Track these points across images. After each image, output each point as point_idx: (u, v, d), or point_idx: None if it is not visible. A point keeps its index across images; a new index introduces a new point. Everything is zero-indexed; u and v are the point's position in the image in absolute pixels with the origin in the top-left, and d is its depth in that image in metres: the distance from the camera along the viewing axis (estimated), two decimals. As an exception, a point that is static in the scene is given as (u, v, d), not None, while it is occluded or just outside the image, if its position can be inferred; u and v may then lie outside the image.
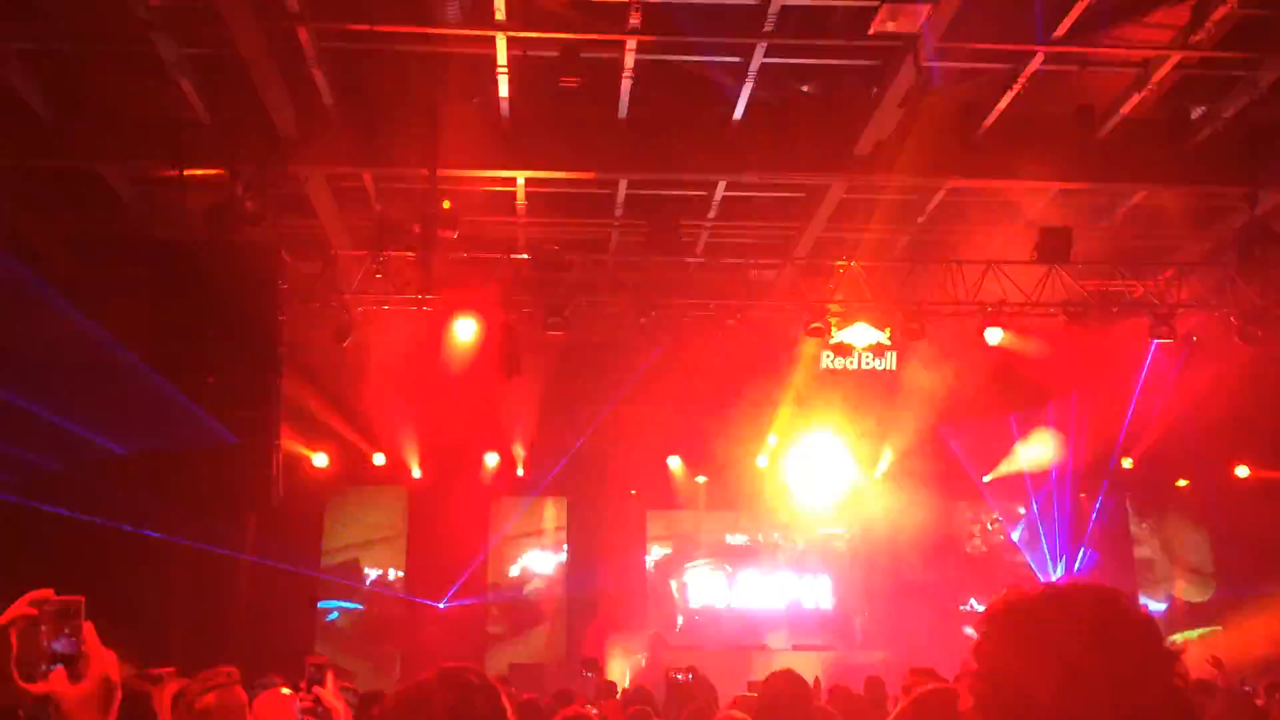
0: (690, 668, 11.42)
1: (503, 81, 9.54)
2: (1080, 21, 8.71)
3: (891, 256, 13.26)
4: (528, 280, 12.87)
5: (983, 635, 1.62)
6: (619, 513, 18.26)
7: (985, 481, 18.01)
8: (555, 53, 8.98)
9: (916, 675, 5.87)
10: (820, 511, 17.86)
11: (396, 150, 10.37)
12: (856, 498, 17.47)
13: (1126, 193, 12.03)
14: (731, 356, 14.12)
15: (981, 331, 12.49)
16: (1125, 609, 1.60)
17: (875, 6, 8.15)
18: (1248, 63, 9.60)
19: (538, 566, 18.71)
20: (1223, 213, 12.84)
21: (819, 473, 17.18)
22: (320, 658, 3.54)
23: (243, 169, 9.98)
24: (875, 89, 9.64)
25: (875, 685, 8.77)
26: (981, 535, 19.09)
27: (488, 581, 18.13)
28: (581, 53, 9.00)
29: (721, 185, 11.56)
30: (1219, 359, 13.32)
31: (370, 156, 10.53)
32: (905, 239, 13.19)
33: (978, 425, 16.12)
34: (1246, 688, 8.91)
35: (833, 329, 12.57)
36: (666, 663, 13.86)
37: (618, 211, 12.19)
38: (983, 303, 12.47)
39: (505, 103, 9.89)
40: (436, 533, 17.28)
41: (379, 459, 16.96)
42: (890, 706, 7.45)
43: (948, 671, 6.13)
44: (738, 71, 9.57)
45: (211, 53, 9.06)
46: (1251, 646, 13.43)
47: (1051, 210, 12.30)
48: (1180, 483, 18.05)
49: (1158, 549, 19.13)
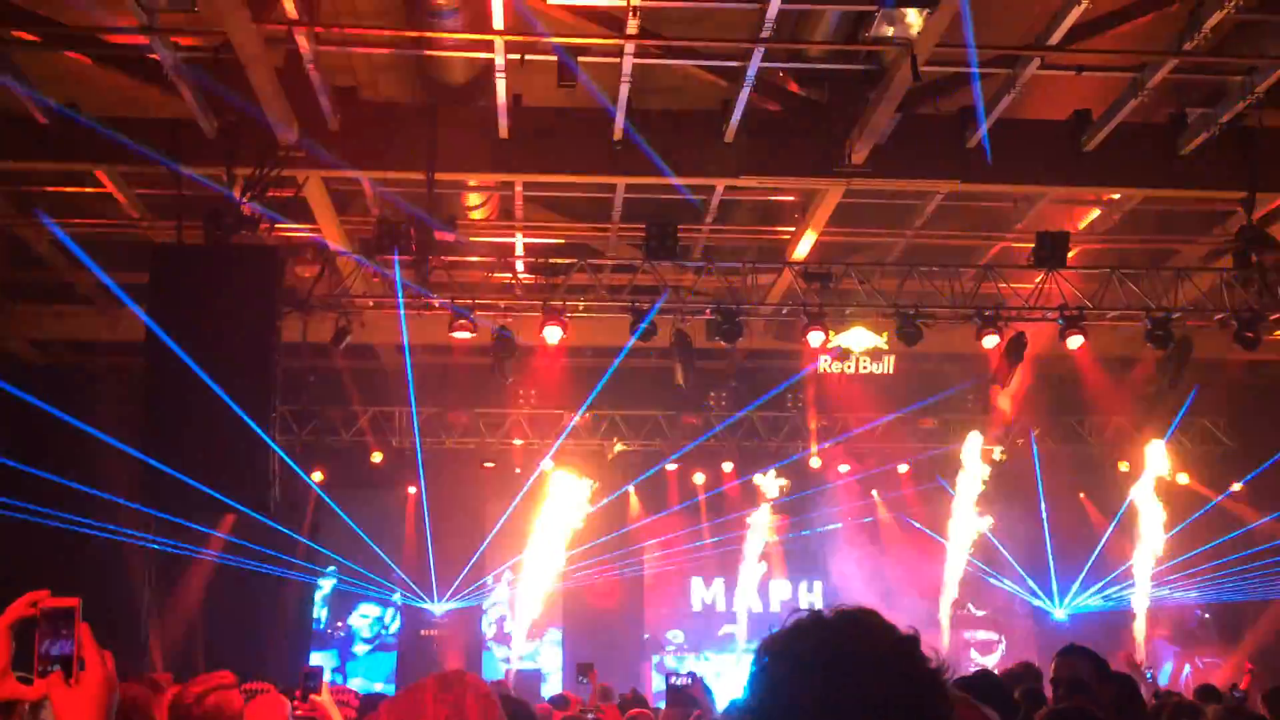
0: (690, 672, 11.40)
1: (500, 86, 9.55)
2: (1076, 26, 8.72)
3: (889, 260, 13.28)
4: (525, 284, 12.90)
5: (755, 658, 1.63)
6: (616, 517, 18.29)
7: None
8: (553, 57, 8.98)
9: None
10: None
11: (394, 154, 10.38)
12: None
13: (1123, 197, 12.04)
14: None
15: (978, 336, 12.48)
16: (888, 634, 1.60)
17: (872, 11, 8.18)
18: (1243, 68, 9.61)
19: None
20: (1219, 217, 12.86)
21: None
22: (315, 666, 3.56)
23: (241, 172, 9.98)
24: (872, 94, 9.65)
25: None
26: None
27: (485, 584, 18.15)
28: (579, 57, 9.01)
29: (718, 189, 11.57)
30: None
31: (368, 160, 10.54)
32: (902, 243, 13.20)
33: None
34: (1236, 694, 8.92)
35: (830, 333, 12.57)
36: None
37: (615, 216, 12.20)
38: (980, 307, 12.47)
39: (503, 107, 9.89)
40: (434, 535, 17.30)
41: (376, 457, 16.96)
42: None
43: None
44: (734, 76, 9.57)
45: (210, 57, 9.07)
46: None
47: (1048, 214, 12.32)
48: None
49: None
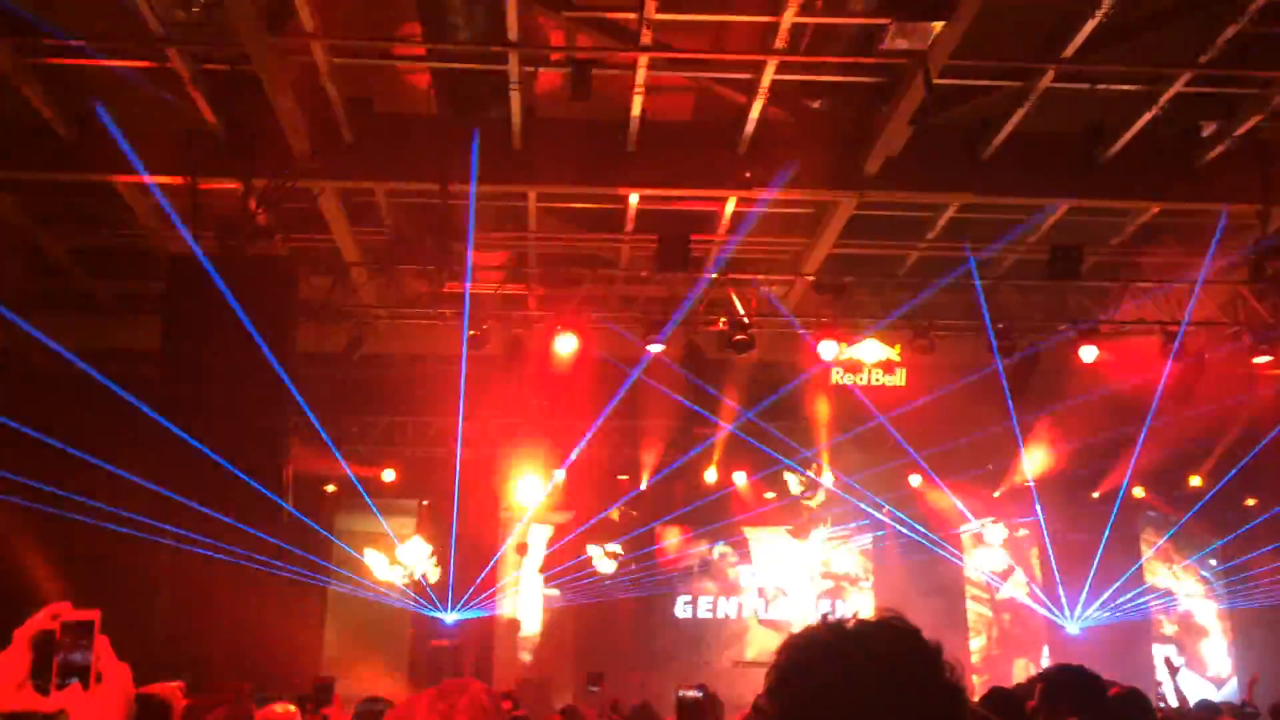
0: (701, 684, 11.35)
1: (514, 98, 9.59)
2: (1090, 39, 8.71)
3: (902, 273, 13.27)
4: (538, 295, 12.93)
5: (775, 671, 1.60)
6: (627, 526, 18.31)
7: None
8: (567, 69, 9.02)
9: None
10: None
11: (408, 165, 10.42)
12: None
13: (1137, 210, 12.01)
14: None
15: (990, 349, 12.48)
16: (916, 645, 1.58)
17: (886, 24, 8.19)
18: (1259, 81, 9.59)
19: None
20: (1234, 230, 12.80)
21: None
22: (326, 678, 3.56)
23: (256, 183, 10.04)
24: (885, 106, 9.65)
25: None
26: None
27: (496, 593, 18.16)
28: (593, 69, 9.04)
29: (732, 201, 11.58)
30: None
31: (383, 171, 10.58)
32: (915, 255, 13.19)
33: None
34: (1249, 709, 8.86)
35: (842, 345, 12.57)
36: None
37: (628, 227, 12.22)
38: (994, 320, 12.47)
39: (516, 119, 9.93)
40: (446, 545, 17.31)
41: (388, 475, 17.01)
42: None
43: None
44: (748, 88, 9.59)
45: (226, 68, 9.13)
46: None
47: (1063, 227, 12.29)
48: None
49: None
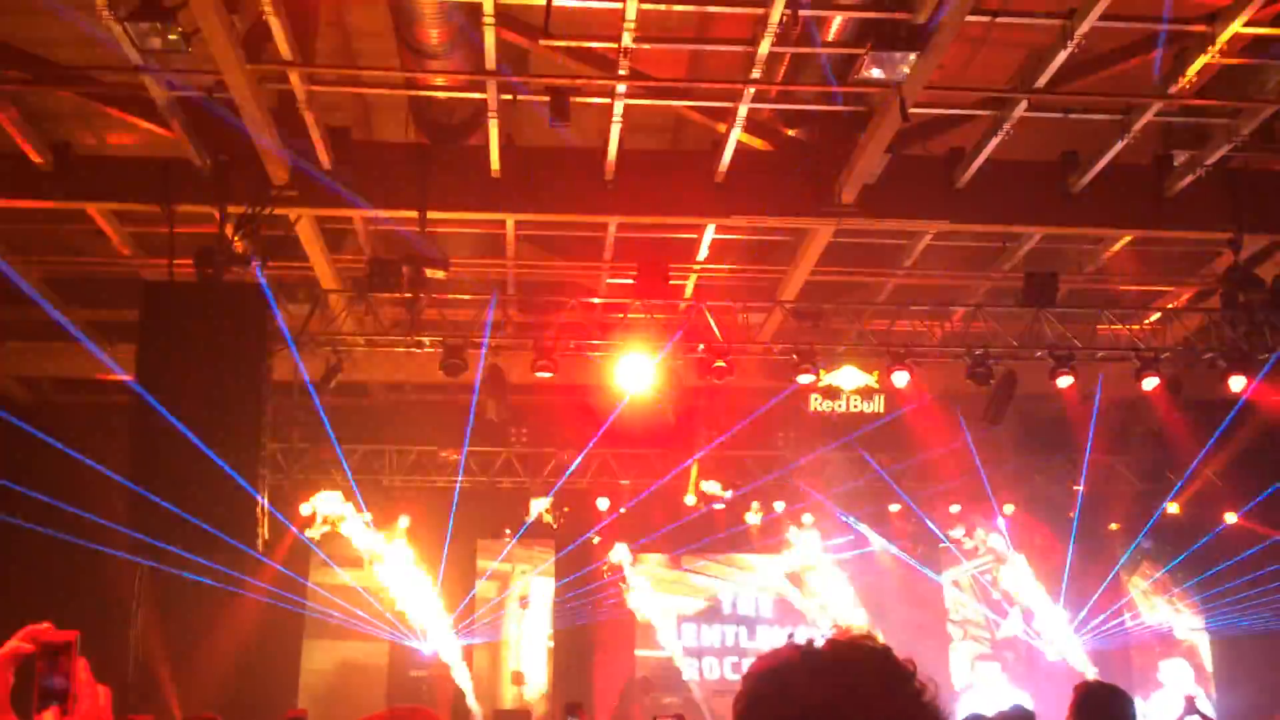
0: (679, 715, 11.34)
1: (493, 126, 9.62)
2: (1063, 69, 8.82)
3: (879, 300, 13.34)
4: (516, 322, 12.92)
5: (744, 699, 1.55)
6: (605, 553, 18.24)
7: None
8: (545, 97, 9.05)
9: None
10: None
11: (387, 193, 10.42)
12: None
13: (1111, 237, 12.13)
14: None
15: (966, 375, 12.55)
16: (890, 665, 1.54)
17: (861, 54, 8.26)
18: (1228, 111, 9.72)
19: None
20: (1207, 258, 12.95)
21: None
22: (300, 710, 3.52)
23: (233, 211, 10.01)
24: (861, 134, 9.73)
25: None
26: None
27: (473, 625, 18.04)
28: (571, 98, 9.08)
29: (710, 229, 11.62)
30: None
31: (360, 200, 10.57)
32: (893, 283, 13.27)
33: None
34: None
35: (820, 372, 12.59)
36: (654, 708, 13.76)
37: (606, 254, 12.24)
38: (970, 346, 12.53)
39: (495, 147, 9.96)
40: (423, 577, 17.20)
41: (367, 518, 16.92)
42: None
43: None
44: (726, 116, 9.65)
45: (203, 96, 9.12)
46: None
47: (1037, 254, 12.39)
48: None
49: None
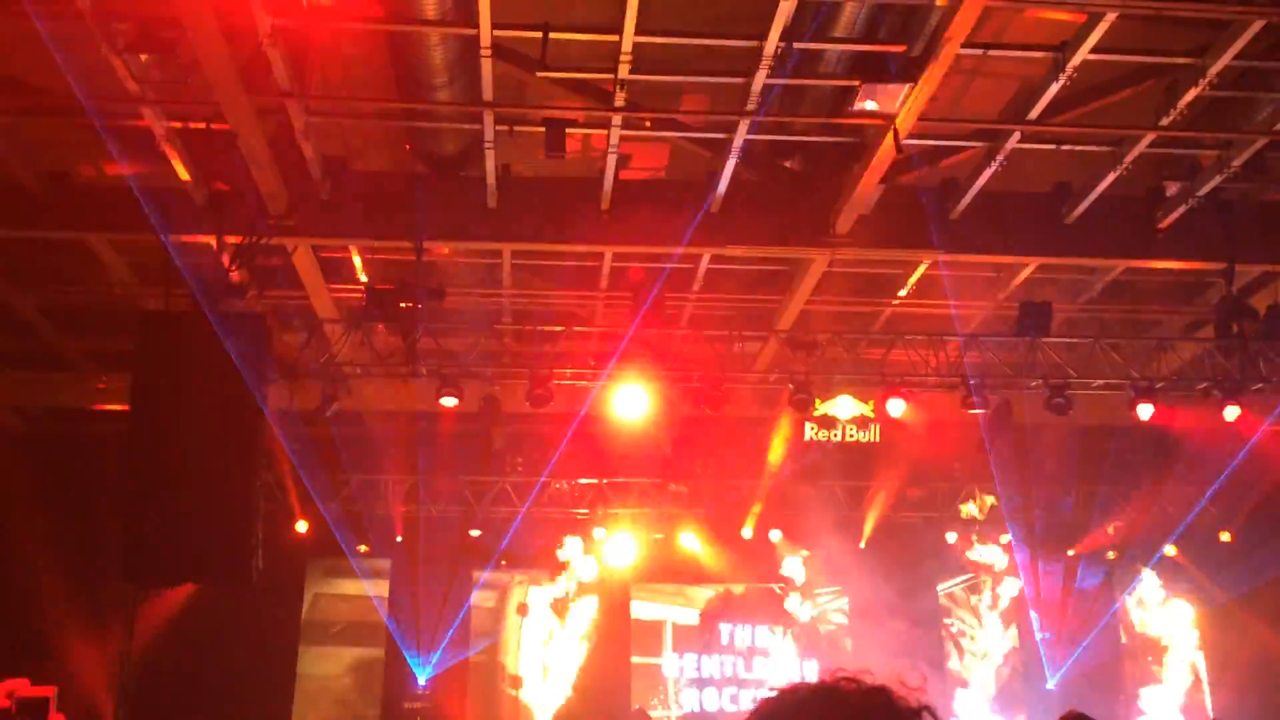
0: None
1: (489, 156, 9.67)
2: (1056, 101, 8.89)
3: (875, 330, 13.38)
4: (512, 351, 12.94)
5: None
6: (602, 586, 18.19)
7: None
8: (542, 128, 9.11)
9: None
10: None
11: (384, 224, 10.46)
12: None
13: (1105, 268, 12.19)
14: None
15: (962, 404, 12.60)
16: (891, 702, 1.60)
17: (855, 86, 8.34)
18: (1220, 142, 9.80)
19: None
20: (1201, 288, 13.01)
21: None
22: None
23: (230, 240, 10.04)
24: (856, 166, 9.79)
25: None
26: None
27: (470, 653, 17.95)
28: (567, 129, 9.14)
29: (705, 258, 11.66)
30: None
31: (357, 230, 10.62)
32: (888, 312, 13.31)
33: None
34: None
35: (816, 402, 12.62)
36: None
37: (602, 284, 12.28)
38: (966, 375, 12.56)
39: (491, 177, 10.01)
40: (418, 602, 17.15)
41: (362, 549, 16.91)
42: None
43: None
44: (721, 148, 9.72)
45: (202, 125, 9.16)
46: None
47: (1031, 285, 12.44)
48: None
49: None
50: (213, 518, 9.32)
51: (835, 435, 13.23)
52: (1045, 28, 8.43)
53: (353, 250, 11.68)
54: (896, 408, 12.43)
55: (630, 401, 12.16)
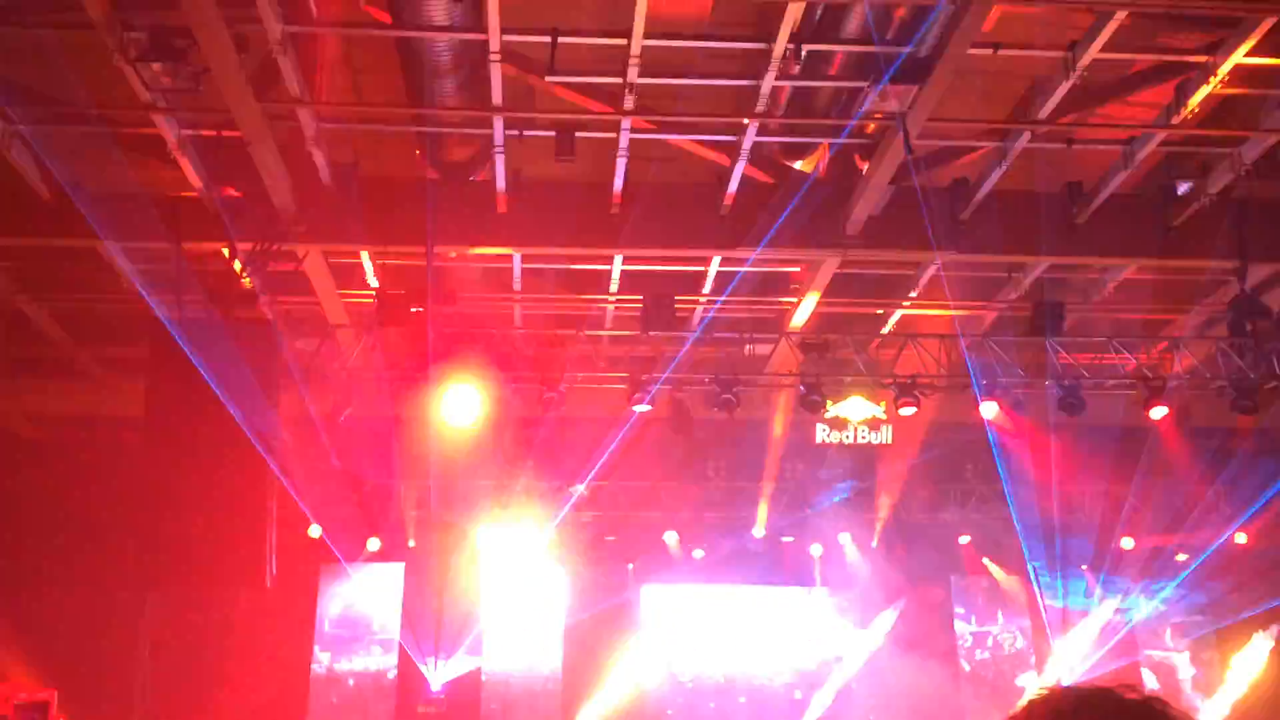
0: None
1: (499, 161, 9.68)
2: (1067, 100, 8.87)
3: (886, 330, 13.34)
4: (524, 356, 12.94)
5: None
6: (615, 587, 18.19)
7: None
8: (551, 132, 9.12)
9: None
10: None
11: (394, 229, 10.47)
12: None
13: (1117, 267, 12.14)
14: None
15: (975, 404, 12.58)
16: (1160, 711, 1.62)
17: (864, 87, 8.33)
18: (1231, 140, 9.75)
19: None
20: (1213, 286, 12.94)
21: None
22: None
23: (242, 247, 10.07)
24: (866, 167, 9.77)
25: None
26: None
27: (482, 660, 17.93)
28: (577, 132, 9.15)
29: (716, 261, 11.65)
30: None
31: (368, 234, 10.63)
32: (899, 313, 13.27)
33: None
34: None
35: (828, 403, 12.59)
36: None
37: (613, 288, 12.27)
38: (977, 376, 12.52)
39: (502, 181, 10.01)
40: (431, 610, 17.15)
41: (373, 544, 16.86)
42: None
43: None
44: (731, 149, 9.71)
45: (212, 133, 9.19)
46: None
47: (1044, 284, 12.39)
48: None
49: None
50: (226, 523, 9.36)
51: (847, 437, 13.21)
52: (1054, 26, 8.41)
53: (363, 255, 11.69)
54: (908, 410, 12.39)
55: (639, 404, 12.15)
